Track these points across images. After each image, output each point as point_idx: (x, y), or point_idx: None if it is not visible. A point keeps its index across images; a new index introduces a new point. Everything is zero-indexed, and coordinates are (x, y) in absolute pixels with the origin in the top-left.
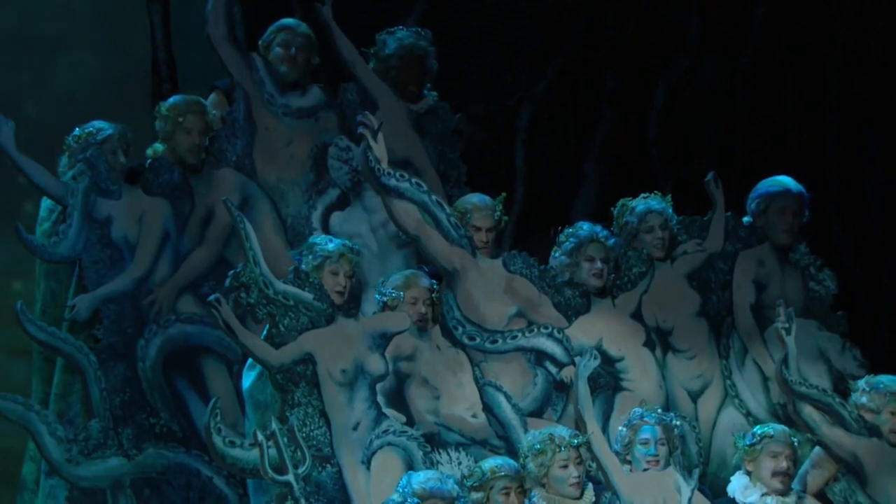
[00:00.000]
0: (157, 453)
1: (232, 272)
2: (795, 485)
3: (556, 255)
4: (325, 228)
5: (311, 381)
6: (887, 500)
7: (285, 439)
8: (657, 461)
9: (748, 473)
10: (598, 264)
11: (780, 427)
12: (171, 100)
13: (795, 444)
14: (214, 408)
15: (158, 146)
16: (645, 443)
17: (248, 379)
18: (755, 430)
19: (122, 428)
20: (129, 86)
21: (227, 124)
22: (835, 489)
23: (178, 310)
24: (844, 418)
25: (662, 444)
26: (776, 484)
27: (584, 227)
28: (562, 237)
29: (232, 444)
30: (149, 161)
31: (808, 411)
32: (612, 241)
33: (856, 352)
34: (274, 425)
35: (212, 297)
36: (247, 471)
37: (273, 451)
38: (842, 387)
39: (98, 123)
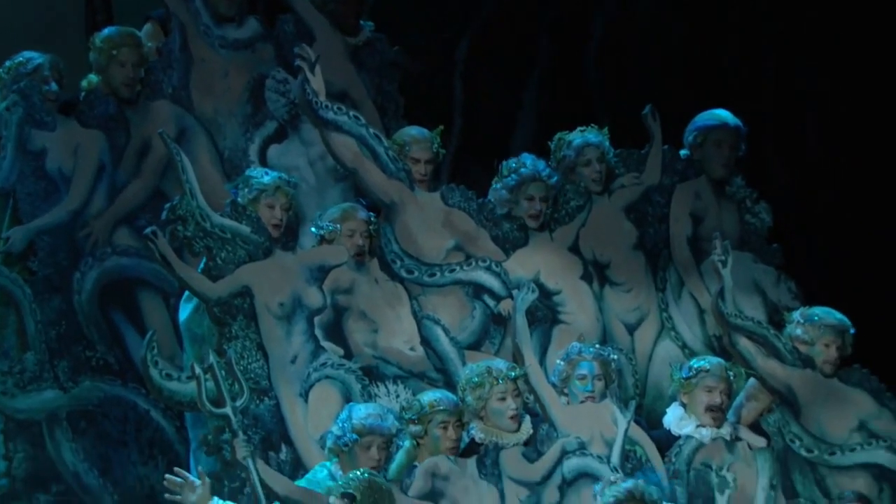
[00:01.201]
0: (93, 386)
1: (168, 205)
2: (730, 416)
3: (497, 188)
4: (263, 161)
5: (249, 314)
6: (820, 430)
7: (223, 372)
8: (594, 396)
9: (683, 405)
10: (538, 205)
11: (717, 361)
12: (105, 32)
13: (731, 377)
14: (151, 341)
15: (93, 77)
16: (582, 378)
17: (184, 312)
18: (691, 363)
19: (58, 360)
20: (64, 16)
21: (163, 56)
22: (769, 420)
23: (114, 242)
24: (779, 350)
25: (599, 380)
26: (708, 418)
27: (527, 164)
28: (504, 171)
29: (169, 377)
30: (83, 93)
31: (744, 343)
32: (553, 178)
33: (790, 284)
34: (211, 358)
35: (148, 230)
36: (184, 404)
37: (210, 384)
38: (776, 319)
39: (28, 53)
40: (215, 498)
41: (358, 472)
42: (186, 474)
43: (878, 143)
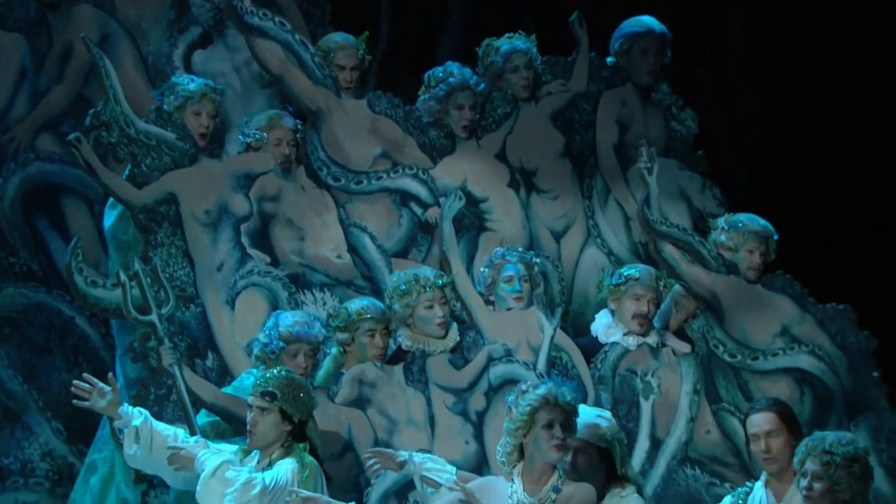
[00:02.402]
0: (16, 292)
1: (92, 111)
2: (656, 322)
3: (425, 99)
4: (187, 67)
5: (174, 221)
6: (743, 335)
7: (148, 279)
8: (522, 297)
9: (612, 312)
10: (468, 114)
11: (648, 270)
12: None
13: (661, 286)
14: (75, 247)
15: None
16: (509, 280)
17: (109, 218)
18: (622, 270)
19: None
20: None
21: None
22: (693, 326)
23: (38, 148)
24: (703, 256)
25: (525, 281)
26: (635, 326)
27: (455, 73)
28: (431, 81)
29: (94, 284)
30: None
31: (669, 250)
32: (481, 86)
33: (715, 191)
34: (137, 265)
35: (72, 136)
36: (109, 311)
37: (136, 292)
38: (701, 225)
39: None
40: (125, 405)
41: (275, 371)
42: (95, 380)
43: (804, 50)
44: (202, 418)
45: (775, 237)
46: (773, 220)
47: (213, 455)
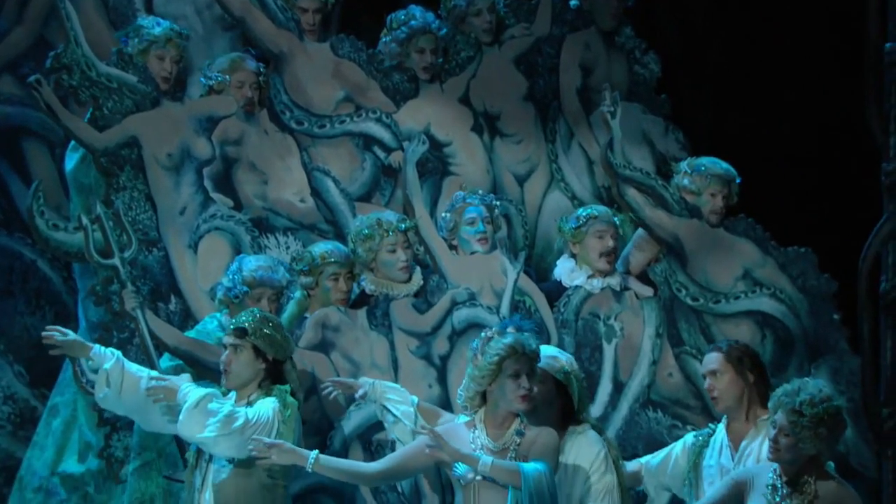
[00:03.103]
0: None
1: (53, 53)
2: (619, 266)
3: (386, 41)
4: (149, 9)
5: (136, 164)
6: (706, 279)
7: (110, 223)
8: (486, 239)
9: (573, 256)
10: (429, 57)
11: (602, 207)
12: None
13: (617, 223)
14: (37, 190)
15: None
16: (471, 222)
17: (71, 161)
18: (578, 212)
19: None
20: None
21: None
22: (656, 270)
23: None
24: (666, 200)
25: (488, 223)
26: (603, 264)
27: (417, 16)
28: (393, 23)
29: (56, 227)
30: None
31: (632, 194)
32: (444, 30)
33: (678, 134)
34: (99, 209)
35: (32, 78)
36: (71, 254)
37: (98, 235)
38: (664, 169)
39: None
40: (96, 346)
41: (247, 311)
42: (65, 330)
43: None
44: (165, 362)
45: (738, 181)
46: (735, 163)
47: (196, 387)
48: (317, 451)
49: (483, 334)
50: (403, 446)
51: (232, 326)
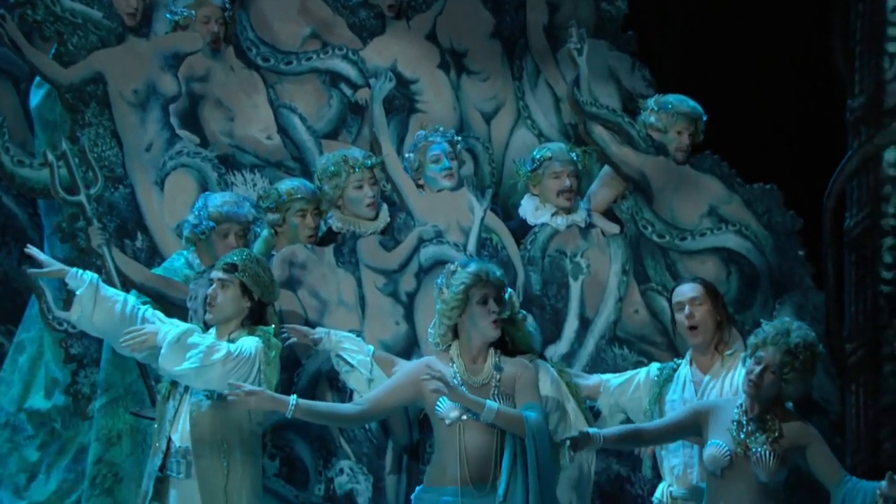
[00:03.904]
0: None
1: None
2: (584, 203)
3: None
4: None
5: (102, 100)
6: (672, 216)
7: (76, 160)
8: (452, 174)
9: (536, 196)
10: None
11: (557, 146)
12: None
13: (575, 158)
14: (1, 126)
15: None
16: (436, 160)
17: (36, 97)
18: (533, 154)
19: None
20: None
21: None
22: (622, 207)
23: None
24: (633, 137)
25: (452, 159)
26: (562, 201)
27: None
28: None
29: (21, 163)
30: None
31: (598, 131)
32: None
33: (644, 72)
34: (64, 145)
35: None
36: (37, 190)
37: (64, 172)
38: (631, 106)
39: None
40: (73, 269)
41: (238, 250)
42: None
43: None
44: (132, 299)
45: (704, 118)
46: (701, 101)
47: (177, 324)
48: (295, 397)
49: (446, 268)
50: (364, 394)
51: (222, 262)
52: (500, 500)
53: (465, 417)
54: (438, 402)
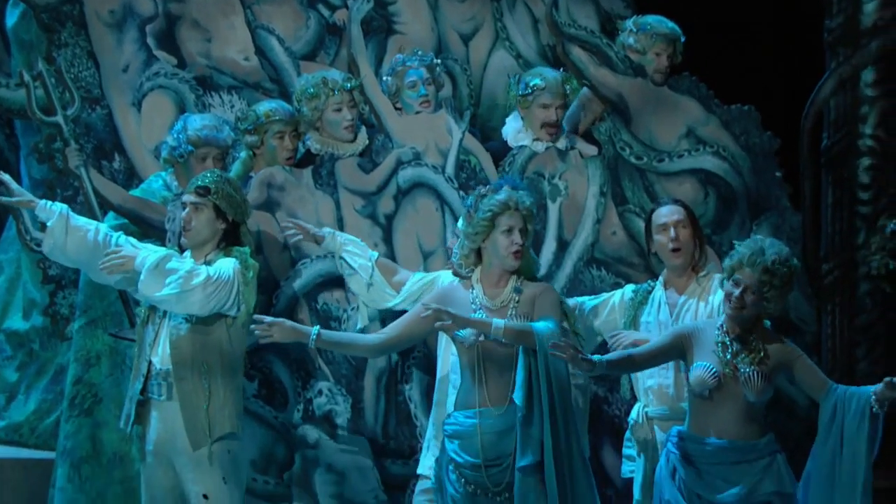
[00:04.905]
0: None
1: None
2: (564, 125)
3: None
4: None
5: (78, 21)
6: (650, 137)
7: (52, 80)
8: (429, 101)
9: (522, 117)
10: None
11: (553, 76)
12: None
13: (567, 92)
14: None
15: None
16: (413, 86)
17: (11, 17)
18: (528, 79)
19: None
20: None
21: None
22: (600, 129)
23: None
24: (611, 59)
25: (430, 84)
26: (544, 134)
27: None
28: None
29: None
30: None
31: (576, 52)
32: None
33: None
34: (40, 65)
35: None
36: (13, 111)
37: (40, 92)
38: (609, 27)
39: None
40: (42, 201)
41: (209, 171)
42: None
43: None
44: (110, 221)
45: (682, 39)
46: (680, 22)
47: (154, 249)
48: (318, 327)
49: (477, 191)
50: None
51: (194, 185)
52: (522, 411)
53: (482, 338)
54: None
